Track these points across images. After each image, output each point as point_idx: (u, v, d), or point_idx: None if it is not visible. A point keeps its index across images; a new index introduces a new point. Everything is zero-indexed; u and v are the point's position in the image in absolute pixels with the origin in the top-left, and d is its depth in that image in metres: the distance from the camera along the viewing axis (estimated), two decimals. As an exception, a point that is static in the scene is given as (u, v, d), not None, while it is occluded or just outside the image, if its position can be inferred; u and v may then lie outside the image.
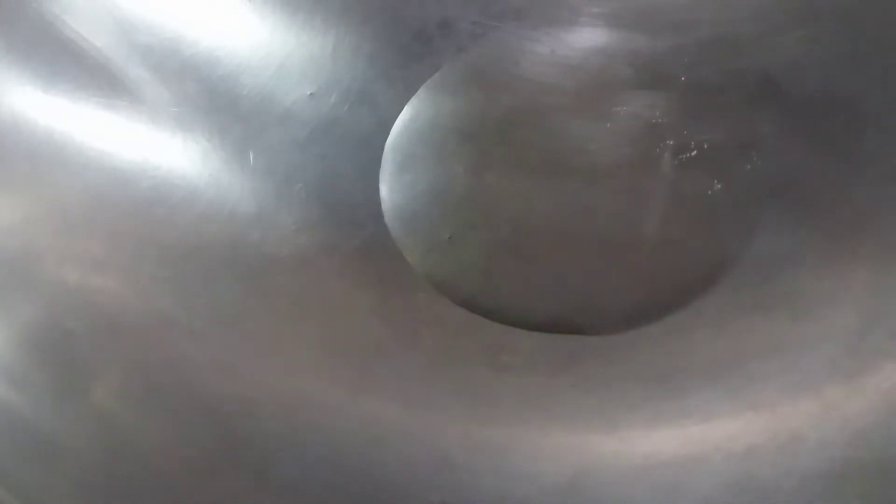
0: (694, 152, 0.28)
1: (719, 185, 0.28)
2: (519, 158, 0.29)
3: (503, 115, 0.29)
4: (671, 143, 0.28)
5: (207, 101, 0.30)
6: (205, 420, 0.27)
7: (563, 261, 0.29)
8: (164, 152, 0.29)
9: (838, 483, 0.25)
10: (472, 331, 0.29)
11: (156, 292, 0.28)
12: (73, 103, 0.29)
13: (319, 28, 0.30)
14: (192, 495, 0.26)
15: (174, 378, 0.28)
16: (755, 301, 0.28)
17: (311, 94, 0.29)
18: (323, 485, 0.27)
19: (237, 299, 0.29)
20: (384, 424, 0.27)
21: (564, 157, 0.29)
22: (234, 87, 0.30)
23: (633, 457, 0.27)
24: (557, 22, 0.29)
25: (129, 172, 0.29)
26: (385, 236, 0.29)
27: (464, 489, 0.27)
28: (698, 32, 0.28)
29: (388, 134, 0.29)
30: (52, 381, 0.27)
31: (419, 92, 0.30)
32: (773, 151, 0.28)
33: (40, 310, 0.28)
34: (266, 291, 0.29)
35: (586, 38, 0.29)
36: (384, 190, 0.29)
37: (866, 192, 0.27)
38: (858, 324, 0.27)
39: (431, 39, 0.29)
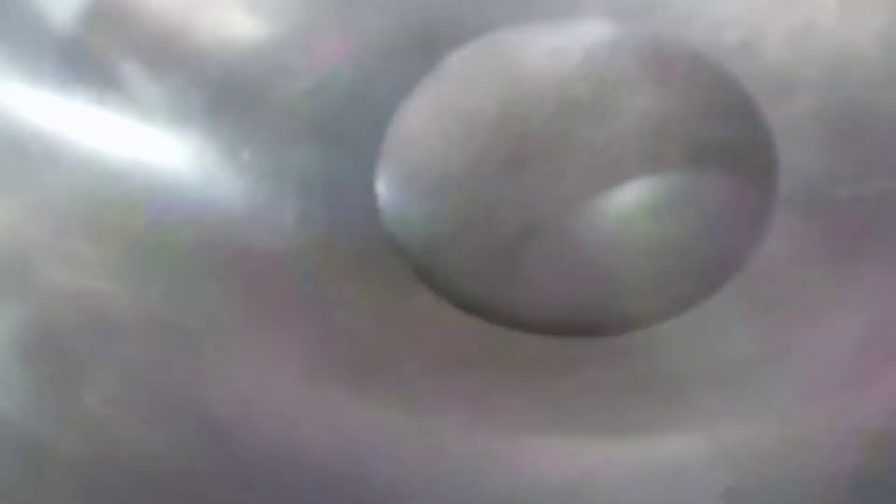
0: (700, 151, 0.28)
1: (726, 186, 0.28)
2: (519, 158, 0.29)
3: (503, 114, 0.29)
4: (676, 141, 0.28)
5: (202, 98, 0.29)
6: (200, 423, 0.27)
7: (565, 262, 0.29)
8: (157, 150, 0.29)
9: (848, 488, 0.25)
10: (473, 333, 0.28)
11: (148, 293, 0.28)
12: (63, 99, 0.28)
13: (317, 26, 0.30)
14: (186, 500, 0.26)
15: (167, 380, 0.27)
16: (762, 304, 0.27)
17: (308, 91, 0.29)
18: (321, 489, 0.26)
19: (232, 300, 0.28)
20: (383, 427, 0.27)
21: (566, 156, 0.29)
22: (229, 84, 0.29)
23: (637, 461, 0.27)
24: (559, 18, 0.29)
25: (121, 170, 0.29)
26: (384, 236, 0.29)
27: (465, 492, 0.26)
28: (702, 29, 0.28)
29: (387, 133, 0.29)
30: (43, 384, 0.27)
31: (419, 91, 0.30)
32: (781, 151, 0.28)
33: (31, 312, 0.27)
34: (262, 292, 0.29)
35: (589, 35, 0.29)
36: (383, 189, 0.29)
37: (876, 194, 0.27)
38: (868, 327, 0.27)
39: (431, 39, 0.30)
